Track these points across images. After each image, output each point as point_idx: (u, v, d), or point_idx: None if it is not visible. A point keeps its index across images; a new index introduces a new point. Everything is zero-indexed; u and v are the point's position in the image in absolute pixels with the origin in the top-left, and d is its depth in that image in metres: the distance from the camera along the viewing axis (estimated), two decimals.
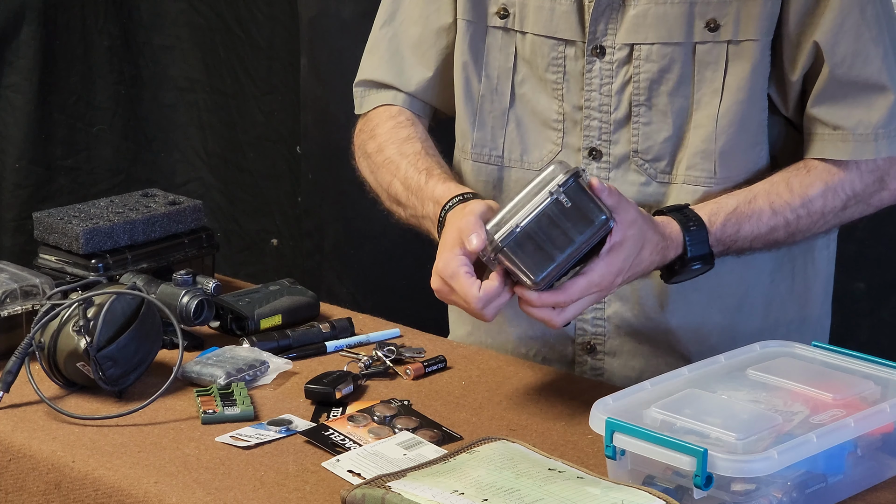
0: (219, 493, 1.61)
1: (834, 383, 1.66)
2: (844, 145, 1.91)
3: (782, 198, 1.91)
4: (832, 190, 1.92)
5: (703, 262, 1.87)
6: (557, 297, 1.73)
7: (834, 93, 1.91)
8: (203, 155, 3.56)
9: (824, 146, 1.93)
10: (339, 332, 2.06)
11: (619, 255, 1.74)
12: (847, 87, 1.90)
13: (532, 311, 1.74)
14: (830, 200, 1.92)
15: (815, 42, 1.89)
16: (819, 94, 1.91)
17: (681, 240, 1.85)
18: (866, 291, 2.85)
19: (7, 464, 1.75)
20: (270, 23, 3.41)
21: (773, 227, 1.91)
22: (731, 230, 1.89)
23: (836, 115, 1.91)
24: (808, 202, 1.91)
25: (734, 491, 1.51)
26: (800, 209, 1.91)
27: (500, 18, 2.00)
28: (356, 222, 3.32)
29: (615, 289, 1.79)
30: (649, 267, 1.83)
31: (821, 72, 1.90)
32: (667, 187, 1.96)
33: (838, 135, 1.91)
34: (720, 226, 1.88)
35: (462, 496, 1.50)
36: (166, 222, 2.20)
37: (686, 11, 1.90)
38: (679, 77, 1.92)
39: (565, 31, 1.96)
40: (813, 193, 1.92)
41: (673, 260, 1.86)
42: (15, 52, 3.39)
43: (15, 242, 3.44)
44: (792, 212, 1.91)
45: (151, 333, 1.89)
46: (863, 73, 1.90)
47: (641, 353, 2.01)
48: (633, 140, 1.95)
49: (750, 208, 1.90)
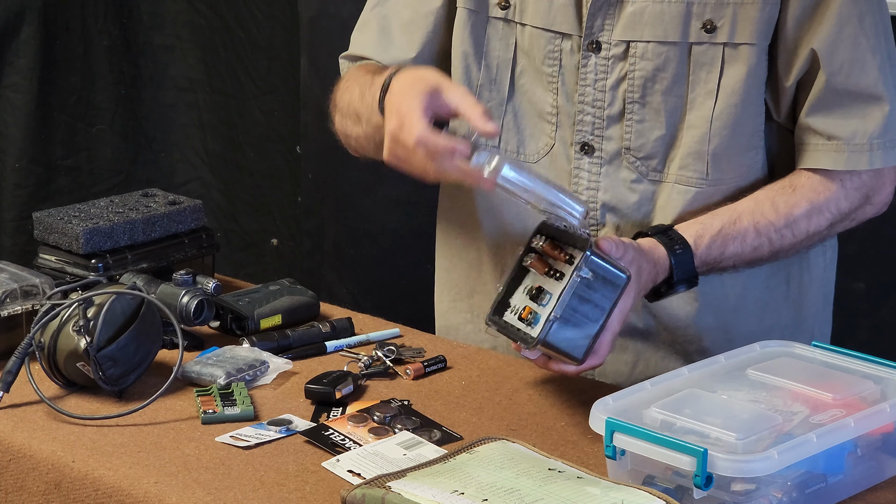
0: (219, 493, 1.61)
1: (834, 383, 1.66)
2: (838, 155, 1.91)
3: (767, 218, 1.91)
4: (817, 210, 1.92)
5: (688, 283, 1.89)
6: (594, 363, 1.77)
7: (829, 102, 1.90)
8: (203, 155, 3.56)
9: (818, 156, 1.92)
10: (339, 331, 2.06)
11: (629, 297, 1.78)
12: (843, 96, 1.90)
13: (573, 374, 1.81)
14: (815, 220, 1.93)
15: (812, 49, 1.89)
16: (814, 104, 1.91)
17: (667, 264, 1.87)
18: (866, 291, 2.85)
19: (7, 464, 1.75)
20: (270, 23, 3.41)
21: (757, 247, 1.92)
22: (716, 252, 1.90)
23: (830, 125, 1.91)
24: (793, 223, 1.92)
25: (734, 491, 1.51)
26: (784, 230, 1.92)
27: (501, 9, 2.01)
28: (356, 222, 3.32)
29: None
30: (644, 292, 1.86)
31: (816, 80, 1.90)
32: (658, 185, 1.96)
33: (832, 145, 1.91)
34: (705, 248, 1.89)
35: (462, 496, 1.50)
36: (166, 222, 2.20)
37: (683, 11, 1.90)
38: (674, 76, 1.92)
39: (562, 24, 1.96)
40: (798, 213, 1.92)
41: (659, 283, 1.88)
42: (15, 52, 3.39)
43: (15, 242, 3.44)
44: (776, 232, 1.92)
45: (151, 333, 1.89)
46: (860, 82, 1.89)
47: (634, 347, 2.02)
48: (626, 137, 1.96)
49: (734, 229, 1.91)
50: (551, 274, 1.77)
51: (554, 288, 1.76)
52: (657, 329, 2.00)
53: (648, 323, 2.00)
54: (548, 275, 1.77)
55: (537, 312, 1.76)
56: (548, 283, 1.77)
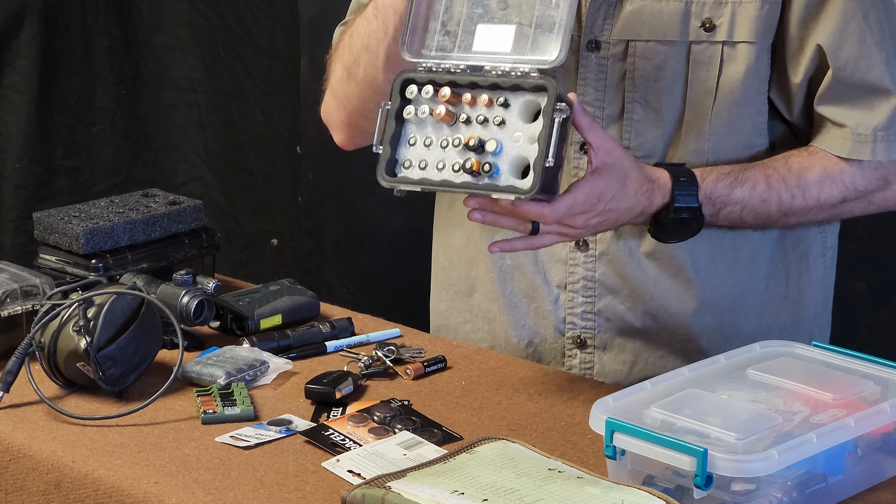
0: (219, 493, 1.61)
1: (834, 383, 1.66)
2: (844, 142, 1.92)
3: (779, 173, 1.92)
4: (830, 178, 1.92)
5: (691, 215, 1.88)
6: (542, 210, 1.74)
7: (838, 93, 1.91)
8: (203, 155, 3.56)
9: (828, 139, 1.93)
10: (339, 332, 2.06)
11: (600, 179, 1.76)
12: (850, 89, 1.91)
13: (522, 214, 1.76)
14: (828, 189, 1.93)
15: (817, 45, 1.89)
16: (823, 94, 1.92)
17: (669, 186, 1.86)
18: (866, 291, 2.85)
19: (7, 464, 1.75)
20: (270, 23, 3.41)
21: (766, 199, 1.91)
22: (723, 190, 1.89)
23: (839, 114, 1.92)
24: (805, 185, 1.92)
25: (734, 491, 1.51)
26: (795, 189, 1.92)
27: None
28: (356, 222, 3.32)
29: (600, 220, 1.80)
30: (634, 206, 1.84)
31: (825, 75, 1.91)
32: None
33: (841, 132, 1.92)
34: (712, 182, 1.89)
35: (462, 496, 1.50)
36: (166, 222, 2.20)
37: (682, 10, 1.91)
38: (673, 75, 1.93)
39: None
40: (811, 177, 1.92)
41: (659, 208, 1.86)
42: (15, 52, 3.39)
43: (15, 242, 3.44)
44: (787, 189, 1.92)
45: (151, 333, 1.89)
46: (866, 76, 1.90)
47: (632, 347, 2.02)
48: (626, 136, 1.96)
49: (745, 175, 1.91)
50: (468, 122, 1.73)
51: (498, 135, 1.72)
52: (656, 329, 2.00)
53: (647, 323, 2.00)
54: (466, 124, 1.73)
55: (493, 163, 1.71)
56: (477, 130, 1.72)
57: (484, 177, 1.72)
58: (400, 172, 1.76)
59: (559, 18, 1.71)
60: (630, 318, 2.00)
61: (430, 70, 1.76)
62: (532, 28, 1.73)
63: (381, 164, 1.75)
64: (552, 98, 1.69)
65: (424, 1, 1.79)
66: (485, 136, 1.73)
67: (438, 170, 1.74)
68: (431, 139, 1.75)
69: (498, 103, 1.73)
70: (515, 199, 1.69)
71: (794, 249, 2.03)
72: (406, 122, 1.77)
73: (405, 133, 1.77)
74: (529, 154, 1.70)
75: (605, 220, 1.82)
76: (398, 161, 1.76)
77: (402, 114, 1.76)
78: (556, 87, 1.69)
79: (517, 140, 1.72)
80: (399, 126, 1.77)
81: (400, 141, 1.77)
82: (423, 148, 1.75)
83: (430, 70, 1.76)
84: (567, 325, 2.04)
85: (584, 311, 2.02)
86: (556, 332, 2.04)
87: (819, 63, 1.91)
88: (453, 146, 1.74)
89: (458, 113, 1.74)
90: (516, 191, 1.70)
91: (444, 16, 1.79)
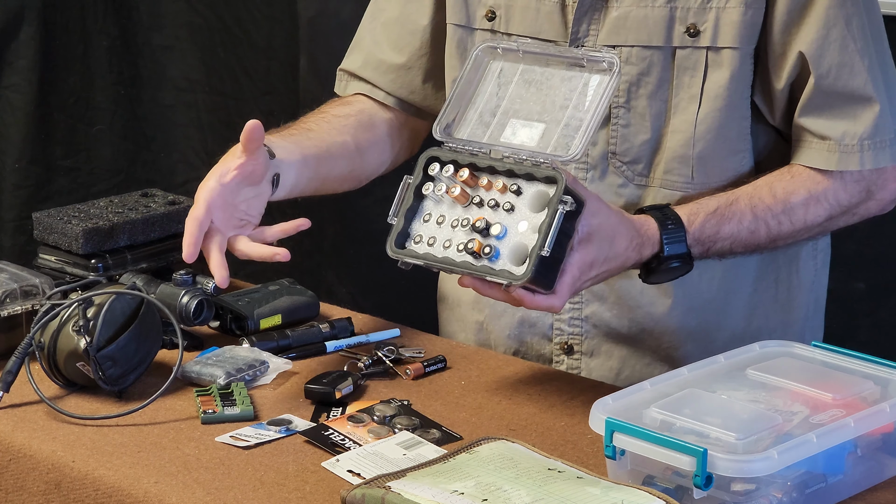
0: (219, 493, 1.61)
1: (834, 383, 1.66)
2: (830, 155, 1.91)
3: (764, 202, 1.91)
4: (815, 199, 1.92)
5: (681, 261, 1.87)
6: (552, 302, 1.74)
7: (820, 103, 1.90)
8: (203, 155, 3.56)
9: (811, 154, 1.92)
10: (338, 332, 2.06)
11: (590, 246, 1.75)
12: (833, 97, 1.90)
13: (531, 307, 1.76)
14: (813, 210, 1.92)
15: (800, 52, 1.89)
16: (805, 104, 1.91)
17: (657, 237, 1.86)
18: (866, 291, 2.85)
19: (7, 464, 1.75)
20: (270, 23, 3.41)
21: (754, 230, 1.91)
22: (711, 231, 1.89)
23: (822, 126, 1.91)
24: (791, 210, 1.91)
25: (734, 491, 1.51)
26: (781, 216, 1.91)
27: (487, 21, 2.02)
28: (356, 222, 3.32)
29: (595, 281, 1.80)
30: (626, 262, 1.83)
31: (807, 83, 1.90)
32: (644, 190, 1.97)
33: (825, 145, 1.91)
34: (699, 225, 1.88)
35: (462, 496, 1.50)
36: (166, 222, 2.20)
37: (667, 15, 1.91)
38: (658, 81, 1.93)
39: (549, 31, 1.97)
40: (796, 201, 1.91)
41: (650, 258, 1.86)
42: (15, 52, 3.39)
43: (15, 242, 3.44)
44: (773, 217, 1.91)
45: (151, 333, 1.89)
46: (849, 84, 1.89)
47: (619, 353, 2.02)
48: (612, 142, 1.96)
49: (731, 210, 1.90)
50: (480, 204, 1.75)
51: (505, 220, 1.74)
52: (642, 336, 2.00)
53: (633, 329, 2.00)
54: (478, 206, 1.76)
55: (495, 246, 1.73)
56: (486, 213, 1.75)
57: (484, 259, 1.74)
58: (409, 245, 1.80)
59: (586, 121, 1.74)
60: (616, 324, 2.00)
61: (455, 150, 1.79)
62: (560, 127, 1.77)
63: (393, 236, 1.79)
64: (560, 190, 1.70)
65: (470, 89, 1.83)
66: (492, 219, 1.75)
67: (444, 248, 1.77)
68: (444, 217, 1.78)
69: (511, 189, 1.75)
70: (507, 284, 1.71)
71: (783, 252, 2.02)
72: (424, 198, 1.80)
73: (422, 209, 1.80)
74: (530, 242, 1.72)
75: (597, 279, 1.81)
76: (410, 235, 1.80)
77: (421, 189, 1.79)
78: (564, 180, 1.71)
79: (522, 228, 1.74)
80: (417, 201, 1.80)
81: (416, 215, 1.80)
82: (435, 225, 1.79)
83: (454, 150, 1.79)
84: (554, 331, 2.04)
85: (571, 318, 2.03)
86: (544, 338, 2.05)
87: (801, 70, 1.90)
88: (462, 226, 1.77)
89: (474, 195, 1.77)
90: (510, 276, 1.71)
91: (484, 107, 1.82)
